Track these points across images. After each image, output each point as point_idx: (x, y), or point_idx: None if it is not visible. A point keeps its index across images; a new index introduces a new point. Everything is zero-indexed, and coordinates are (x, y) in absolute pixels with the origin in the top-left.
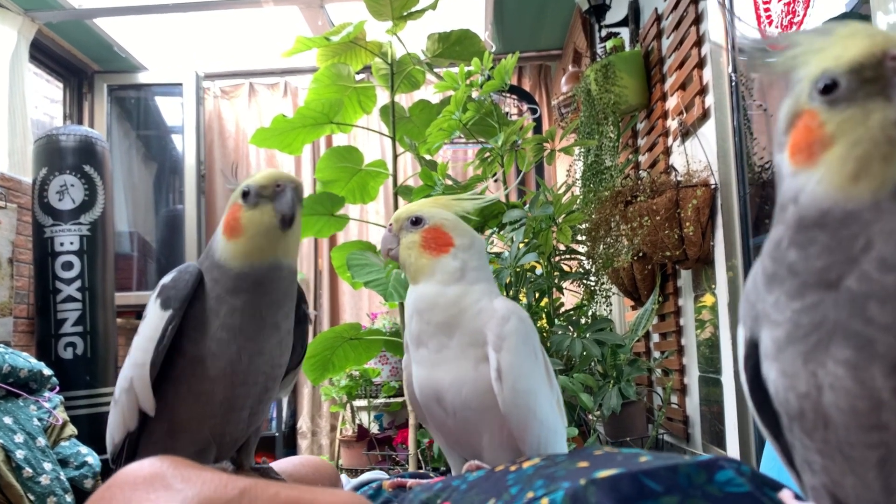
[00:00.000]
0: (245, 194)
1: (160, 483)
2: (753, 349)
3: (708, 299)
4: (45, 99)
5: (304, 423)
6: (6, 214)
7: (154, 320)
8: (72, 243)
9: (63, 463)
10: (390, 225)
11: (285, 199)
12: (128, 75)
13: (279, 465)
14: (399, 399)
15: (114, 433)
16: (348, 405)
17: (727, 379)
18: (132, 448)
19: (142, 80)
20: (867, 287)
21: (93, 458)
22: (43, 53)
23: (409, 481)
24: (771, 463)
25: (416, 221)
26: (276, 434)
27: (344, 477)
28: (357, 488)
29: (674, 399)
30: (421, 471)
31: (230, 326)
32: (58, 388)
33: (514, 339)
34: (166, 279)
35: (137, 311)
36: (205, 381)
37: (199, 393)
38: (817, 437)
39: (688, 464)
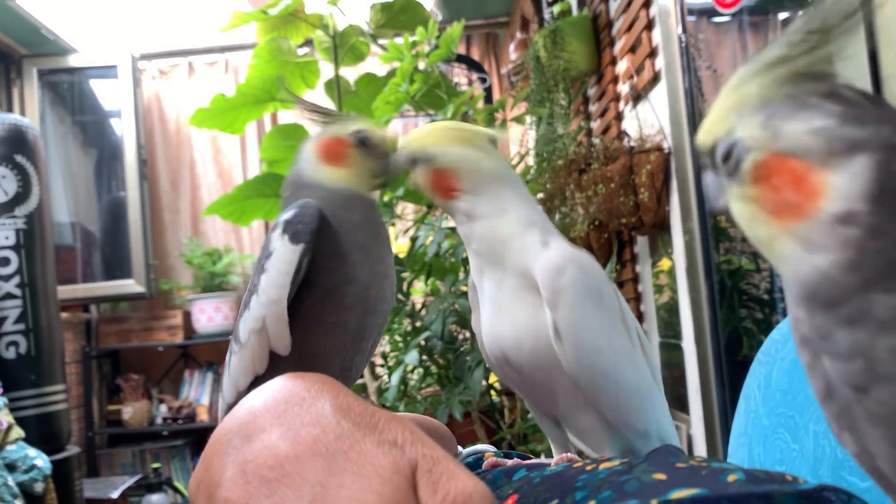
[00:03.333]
0: (364, 142)
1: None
2: None
3: (665, 264)
4: None
5: None
6: None
7: (286, 255)
8: (7, 238)
9: (10, 467)
10: (403, 147)
11: (392, 166)
12: (59, 59)
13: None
14: (359, 381)
15: (238, 380)
16: None
17: (688, 344)
18: None
19: (74, 64)
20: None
21: (42, 461)
22: None
23: (510, 462)
24: (742, 439)
25: (418, 160)
26: None
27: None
28: (466, 457)
29: None
30: (524, 453)
31: (359, 244)
32: (1, 390)
33: (573, 292)
34: (287, 215)
35: (84, 304)
36: (340, 310)
37: (334, 324)
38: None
39: (786, 492)
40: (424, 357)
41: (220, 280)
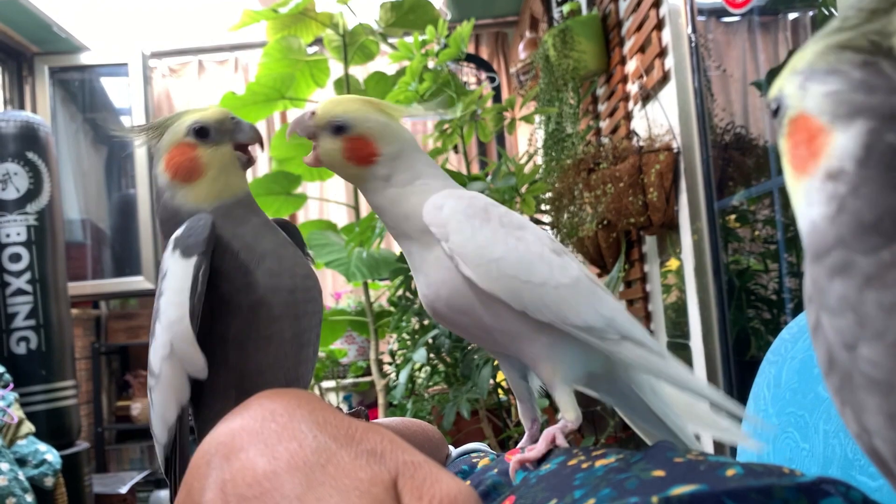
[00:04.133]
0: (202, 132)
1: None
2: None
3: (673, 263)
4: None
5: None
6: None
7: (179, 271)
8: (18, 234)
9: (21, 462)
10: (312, 113)
11: (248, 128)
12: (70, 56)
13: (382, 421)
14: (367, 379)
15: (164, 415)
16: (316, 387)
17: (695, 343)
18: (196, 422)
19: (85, 62)
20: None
21: (52, 456)
22: None
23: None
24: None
25: (339, 129)
26: None
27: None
28: (459, 457)
29: None
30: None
31: (266, 252)
32: (11, 385)
33: (456, 218)
34: (177, 232)
35: (94, 301)
36: (271, 322)
37: (268, 338)
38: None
39: (785, 486)
40: (432, 355)
41: None
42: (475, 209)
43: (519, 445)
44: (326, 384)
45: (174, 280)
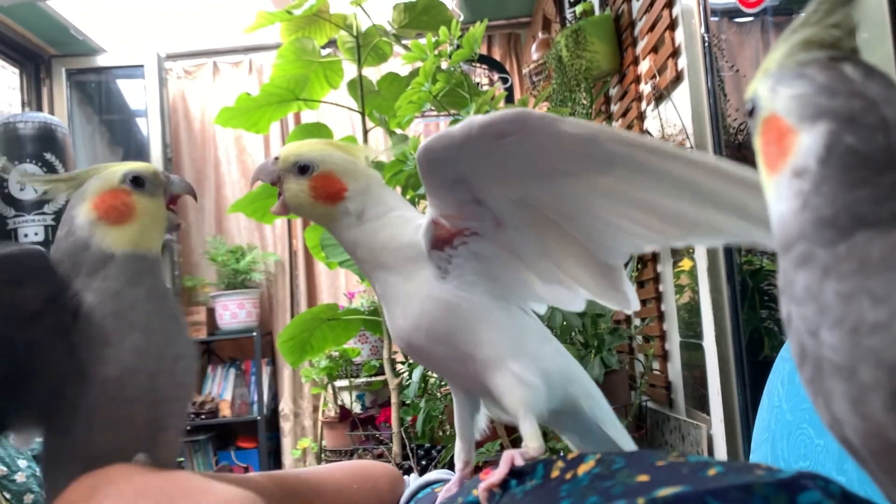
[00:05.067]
0: (139, 182)
1: None
2: None
3: (686, 264)
4: (1, 86)
5: (285, 406)
6: None
7: None
8: (36, 234)
9: (38, 459)
10: (276, 158)
11: (180, 181)
12: (86, 58)
13: (314, 469)
14: (380, 378)
15: None
16: (329, 386)
17: (708, 344)
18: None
19: (101, 63)
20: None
21: None
22: None
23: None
24: (765, 435)
25: (304, 169)
26: (259, 418)
27: (413, 475)
28: (421, 488)
29: (656, 366)
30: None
31: (140, 325)
32: None
33: None
34: None
35: None
36: (122, 404)
37: (117, 420)
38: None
39: (765, 483)
40: None
41: (242, 277)
42: None
43: (445, 488)
44: (340, 383)
45: None
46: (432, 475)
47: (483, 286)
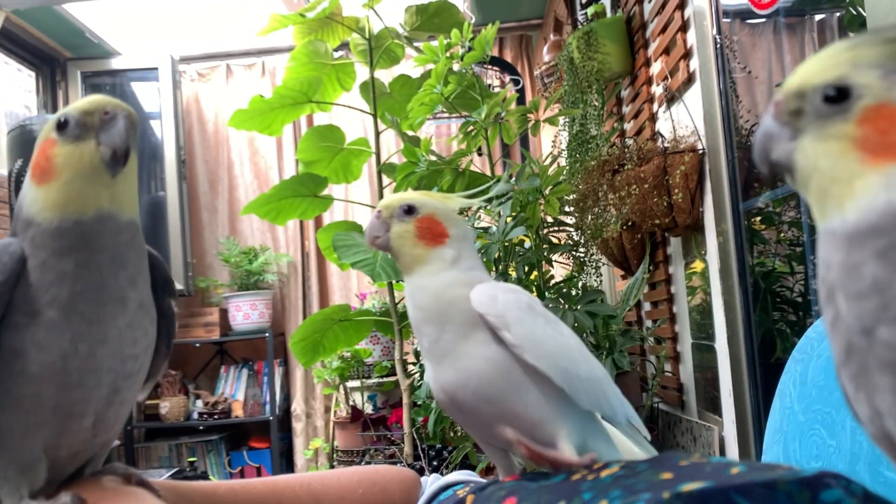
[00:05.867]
0: (62, 125)
1: None
2: None
3: (698, 265)
4: (17, 89)
5: (297, 406)
6: None
7: None
8: None
9: None
10: (379, 211)
11: (116, 130)
12: (101, 61)
13: (334, 473)
14: (392, 378)
15: None
16: (341, 387)
17: (720, 345)
18: None
19: (116, 66)
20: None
21: None
22: (13, 42)
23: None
24: (777, 436)
25: (409, 210)
26: (271, 418)
27: (432, 476)
28: (442, 490)
29: (667, 367)
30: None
31: (60, 302)
32: None
33: (513, 310)
34: None
35: None
36: (27, 381)
37: (22, 397)
38: None
39: (788, 480)
40: None
41: (255, 278)
42: (523, 304)
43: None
44: (351, 384)
45: None
46: (453, 476)
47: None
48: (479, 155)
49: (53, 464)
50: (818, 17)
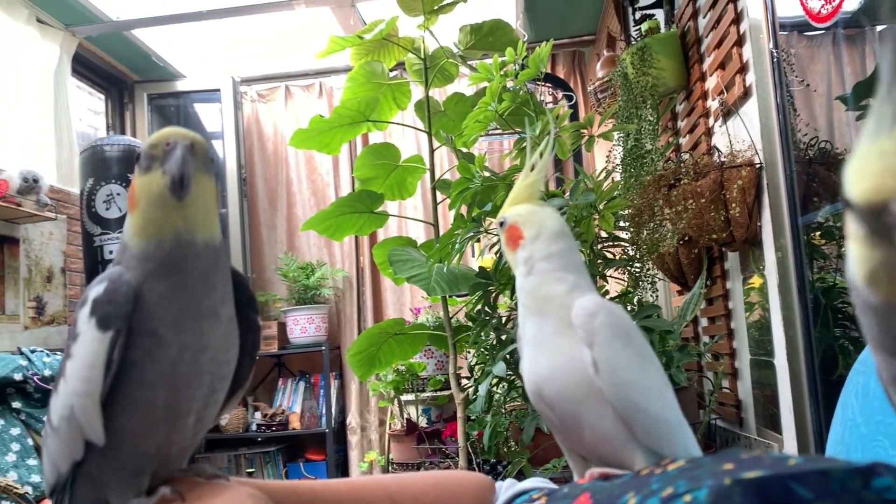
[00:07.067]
0: (137, 158)
1: None
2: None
3: (756, 281)
4: (88, 111)
5: (353, 419)
6: (57, 225)
7: (93, 343)
8: None
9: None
10: (500, 224)
11: (174, 159)
12: (166, 84)
13: (413, 476)
14: (446, 392)
15: (57, 463)
16: (396, 400)
17: (780, 362)
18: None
19: (180, 88)
20: None
21: None
22: (84, 66)
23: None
24: (839, 448)
25: (501, 223)
26: (326, 430)
27: (507, 482)
28: (517, 496)
29: (725, 384)
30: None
31: (167, 320)
32: None
33: (605, 332)
34: (97, 292)
35: None
36: (143, 388)
37: (138, 402)
38: None
39: (841, 469)
40: (510, 372)
41: (312, 293)
42: (621, 328)
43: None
44: (406, 397)
45: (86, 351)
46: (529, 483)
47: None
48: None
49: (164, 461)
50: (879, 28)
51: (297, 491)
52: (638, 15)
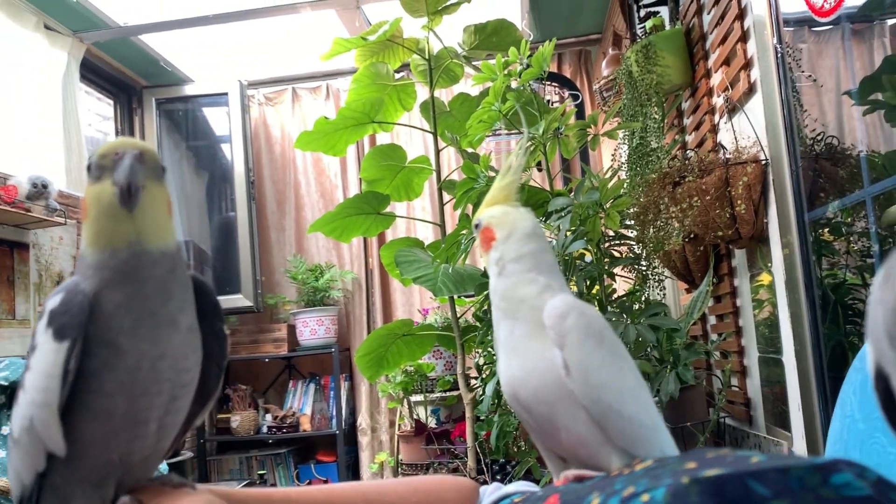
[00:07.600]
0: (88, 168)
1: None
2: (882, 376)
3: (765, 278)
4: (97, 116)
5: (363, 420)
6: (66, 230)
7: (49, 354)
8: None
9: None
10: (476, 226)
11: (121, 169)
12: (174, 88)
13: (388, 483)
14: (455, 393)
15: (22, 475)
16: (405, 401)
17: (788, 359)
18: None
19: (188, 92)
20: None
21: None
22: (93, 72)
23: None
24: (837, 445)
25: (476, 225)
26: (337, 432)
27: (492, 486)
28: (497, 501)
29: (734, 381)
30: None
31: (124, 330)
32: None
33: (577, 334)
34: (54, 303)
35: None
36: (102, 396)
37: (98, 411)
38: None
39: (801, 466)
40: None
41: (322, 295)
42: (593, 330)
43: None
44: (415, 398)
45: (44, 362)
46: (513, 487)
47: None
48: (539, 170)
49: (127, 470)
50: (891, 21)
51: (271, 499)
52: (643, 13)
